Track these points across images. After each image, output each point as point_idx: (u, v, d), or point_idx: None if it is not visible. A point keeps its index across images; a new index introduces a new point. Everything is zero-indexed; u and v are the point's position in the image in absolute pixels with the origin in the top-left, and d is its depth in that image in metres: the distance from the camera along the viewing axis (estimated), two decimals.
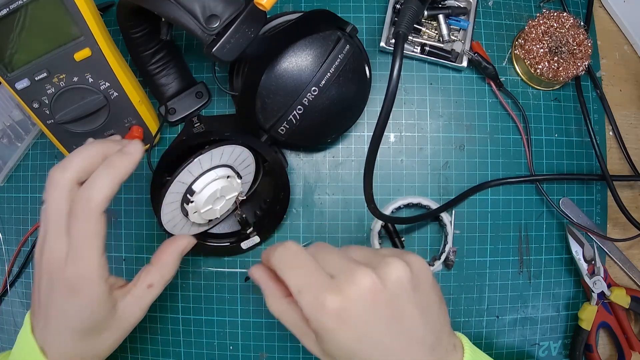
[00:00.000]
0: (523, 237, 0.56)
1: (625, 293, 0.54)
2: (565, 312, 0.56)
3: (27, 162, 0.59)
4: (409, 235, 0.55)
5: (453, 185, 0.56)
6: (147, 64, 0.53)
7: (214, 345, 0.56)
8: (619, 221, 0.57)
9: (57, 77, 0.46)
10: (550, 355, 0.56)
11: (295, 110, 0.47)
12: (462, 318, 0.55)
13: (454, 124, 0.56)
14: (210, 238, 0.54)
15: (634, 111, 0.59)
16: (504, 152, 0.56)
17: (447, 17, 0.55)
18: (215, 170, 0.47)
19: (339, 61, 0.47)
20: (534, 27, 0.54)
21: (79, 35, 0.45)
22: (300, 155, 0.56)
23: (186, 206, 0.47)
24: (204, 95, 0.56)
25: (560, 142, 0.57)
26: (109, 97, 0.49)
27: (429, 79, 0.56)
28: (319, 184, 0.56)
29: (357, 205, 0.55)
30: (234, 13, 0.40)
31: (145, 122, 0.52)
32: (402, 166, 0.56)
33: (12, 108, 0.58)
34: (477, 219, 0.56)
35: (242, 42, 0.41)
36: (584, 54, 0.53)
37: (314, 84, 0.46)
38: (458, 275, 0.55)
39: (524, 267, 0.56)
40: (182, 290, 0.56)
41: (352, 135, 0.56)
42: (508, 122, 0.56)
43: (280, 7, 0.57)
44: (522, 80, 0.57)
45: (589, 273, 0.54)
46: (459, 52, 0.55)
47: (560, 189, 0.57)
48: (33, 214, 0.59)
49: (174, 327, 0.56)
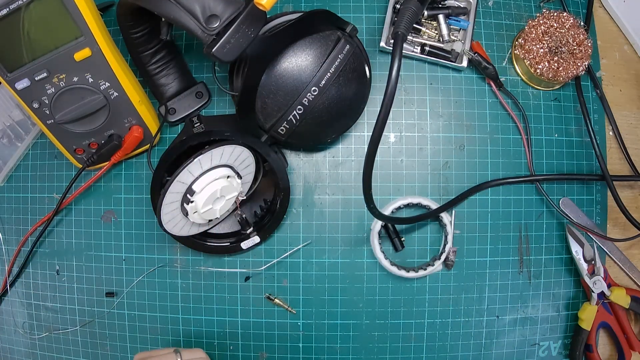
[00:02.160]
0: (523, 237, 0.56)
1: (625, 293, 0.54)
2: (565, 312, 0.56)
3: (27, 162, 0.59)
4: (409, 235, 0.55)
5: (453, 185, 0.56)
6: (147, 64, 0.53)
7: (214, 345, 0.56)
8: (619, 221, 0.57)
9: (57, 77, 0.46)
10: (550, 355, 0.56)
11: (295, 110, 0.47)
12: (462, 318, 0.55)
13: (454, 124, 0.56)
14: (210, 238, 0.54)
15: (634, 111, 0.59)
16: (504, 152, 0.56)
17: (447, 17, 0.55)
18: (215, 170, 0.47)
19: (339, 61, 0.47)
20: (534, 27, 0.54)
21: (79, 35, 0.45)
22: (300, 155, 0.56)
23: (186, 206, 0.47)
24: (204, 95, 0.56)
25: (560, 142, 0.57)
26: (109, 97, 0.49)
27: (429, 79, 0.56)
28: (319, 184, 0.56)
29: (357, 205, 0.56)
30: (234, 13, 0.40)
31: (145, 122, 0.52)
32: (402, 166, 0.56)
33: (12, 108, 0.58)
34: (477, 219, 0.56)
35: (242, 42, 0.41)
36: (584, 54, 0.53)
37: (314, 84, 0.46)
38: (458, 275, 0.55)
39: (524, 267, 0.56)
40: (182, 290, 0.56)
41: (352, 135, 0.56)
42: (508, 122, 0.56)
43: (280, 7, 0.57)
44: (522, 80, 0.57)
45: (589, 273, 0.54)
46: (459, 52, 0.55)
47: (560, 189, 0.57)
48: (33, 214, 0.59)
49: (174, 327, 0.56)
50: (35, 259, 0.59)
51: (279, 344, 0.56)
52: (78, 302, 0.58)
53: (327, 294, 0.55)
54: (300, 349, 0.55)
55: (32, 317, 0.59)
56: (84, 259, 0.58)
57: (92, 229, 0.58)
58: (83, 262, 0.58)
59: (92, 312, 0.57)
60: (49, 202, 0.58)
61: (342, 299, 0.55)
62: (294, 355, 0.56)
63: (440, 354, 0.55)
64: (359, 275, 0.55)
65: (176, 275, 0.56)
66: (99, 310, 0.57)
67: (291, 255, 0.55)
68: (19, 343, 0.59)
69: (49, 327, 0.58)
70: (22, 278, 0.59)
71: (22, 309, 0.59)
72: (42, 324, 0.58)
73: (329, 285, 0.55)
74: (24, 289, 0.59)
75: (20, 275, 0.59)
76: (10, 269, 0.58)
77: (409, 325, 0.55)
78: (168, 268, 0.56)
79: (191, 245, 0.53)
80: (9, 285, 0.58)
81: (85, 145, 0.52)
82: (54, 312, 0.58)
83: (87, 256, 0.58)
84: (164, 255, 0.56)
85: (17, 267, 0.58)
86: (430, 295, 0.55)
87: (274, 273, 0.56)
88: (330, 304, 0.55)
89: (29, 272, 0.59)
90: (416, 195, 0.55)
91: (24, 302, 0.59)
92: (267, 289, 0.56)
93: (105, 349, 0.57)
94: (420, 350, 0.55)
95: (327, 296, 0.55)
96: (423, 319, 0.55)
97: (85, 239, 0.58)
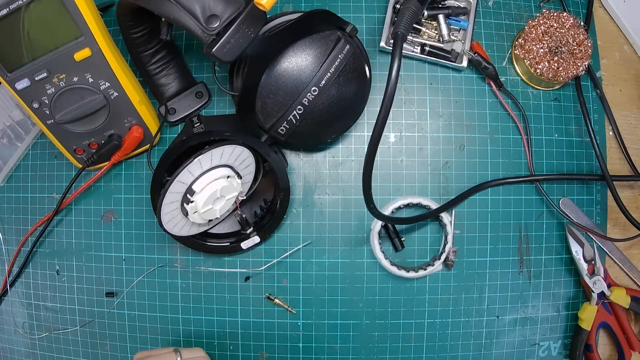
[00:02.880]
0: (523, 237, 0.56)
1: (625, 293, 0.54)
2: (565, 312, 0.56)
3: (27, 162, 0.59)
4: (409, 235, 0.55)
5: (453, 185, 0.56)
6: (147, 64, 0.53)
7: (214, 345, 0.56)
8: (619, 221, 0.57)
9: (57, 77, 0.46)
10: (550, 355, 0.56)
11: (295, 110, 0.47)
12: (462, 318, 0.55)
13: (454, 124, 0.56)
14: (210, 238, 0.54)
15: (634, 111, 0.59)
16: (504, 152, 0.56)
17: (447, 17, 0.55)
18: (215, 170, 0.47)
19: (339, 61, 0.47)
20: (534, 27, 0.54)
21: (79, 35, 0.45)
22: (300, 155, 0.56)
23: (186, 206, 0.47)
24: (204, 95, 0.56)
25: (560, 142, 0.57)
26: (109, 97, 0.49)
27: (429, 79, 0.56)
28: (319, 184, 0.56)
29: (357, 205, 0.56)
30: (234, 13, 0.40)
31: (145, 122, 0.52)
32: (402, 166, 0.56)
33: (12, 108, 0.58)
34: (477, 219, 0.55)
35: (242, 42, 0.41)
36: (584, 54, 0.53)
37: (314, 84, 0.46)
38: (458, 275, 0.55)
39: (524, 267, 0.56)
40: (182, 290, 0.56)
41: (352, 135, 0.56)
42: (508, 122, 0.56)
43: (280, 7, 0.57)
44: (522, 80, 0.57)
45: (589, 273, 0.54)
46: (459, 52, 0.55)
47: (560, 189, 0.57)
48: (33, 214, 0.59)
49: (174, 327, 0.56)
50: (35, 259, 0.59)
51: (279, 344, 0.56)
52: (78, 302, 0.58)
53: (327, 294, 0.55)
54: (300, 349, 0.55)
55: (32, 317, 0.59)
56: (84, 259, 0.58)
57: (92, 229, 0.58)
58: (83, 262, 0.58)
59: (92, 312, 0.57)
60: (49, 202, 0.58)
61: (342, 299, 0.55)
62: (294, 355, 0.56)
63: (440, 354, 0.55)
64: (359, 275, 0.55)
65: (176, 275, 0.56)
66: (99, 310, 0.57)
67: (291, 255, 0.55)
68: (19, 343, 0.59)
69: (49, 327, 0.58)
70: (22, 278, 0.59)
71: (22, 309, 0.59)
72: (42, 324, 0.58)
73: (329, 285, 0.55)
74: (24, 289, 0.59)
75: (20, 275, 0.59)
76: (10, 269, 0.58)
77: (409, 325, 0.55)
78: (168, 268, 0.56)
79: (191, 245, 0.53)
80: (9, 285, 0.58)
81: (85, 145, 0.52)
82: (54, 312, 0.58)
83: (87, 256, 0.58)
84: (164, 255, 0.56)
85: (17, 267, 0.58)
86: (430, 295, 0.55)
87: (274, 273, 0.56)
88: (330, 304, 0.55)
89: (29, 272, 0.59)
90: (416, 195, 0.55)
91: (24, 302, 0.59)
92: (267, 289, 0.56)
93: (105, 349, 0.57)
94: (420, 350, 0.55)
95: (327, 296, 0.55)
96: (423, 319, 0.55)
97: (85, 239, 0.58)
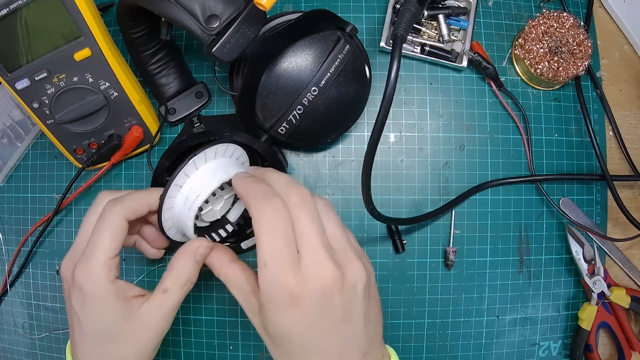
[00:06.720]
0: (523, 237, 0.56)
1: (625, 293, 0.54)
2: (565, 312, 0.56)
3: (27, 162, 0.59)
4: (409, 235, 0.55)
5: (453, 185, 0.56)
6: (147, 64, 0.53)
7: (214, 345, 0.56)
8: (619, 221, 0.57)
9: (57, 77, 0.46)
10: (550, 355, 0.56)
11: (295, 110, 0.47)
12: (462, 318, 0.55)
13: (454, 124, 0.56)
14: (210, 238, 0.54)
15: (634, 111, 0.59)
16: (504, 152, 0.56)
17: (447, 17, 0.55)
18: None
19: (339, 61, 0.47)
20: (534, 27, 0.54)
21: (79, 35, 0.45)
22: (300, 155, 0.56)
23: None
24: (204, 95, 0.56)
25: (560, 142, 0.57)
26: (109, 97, 0.49)
27: (429, 79, 0.56)
28: (319, 184, 0.56)
29: (357, 205, 0.55)
30: (234, 13, 0.40)
31: (145, 122, 0.52)
32: (402, 166, 0.56)
33: (12, 108, 0.58)
34: (477, 219, 0.55)
35: (242, 42, 0.41)
36: (584, 54, 0.53)
37: (314, 84, 0.46)
38: (458, 275, 0.55)
39: (524, 267, 0.56)
40: None
41: (352, 135, 0.56)
42: (508, 122, 0.56)
43: (280, 7, 0.57)
44: (522, 80, 0.57)
45: (589, 273, 0.54)
46: (459, 52, 0.55)
47: (560, 189, 0.57)
48: (33, 214, 0.59)
49: (174, 327, 0.56)
50: (35, 259, 0.59)
51: None
52: None
53: None
54: None
55: (32, 317, 0.59)
56: None
57: None
58: None
59: None
60: (49, 202, 0.58)
61: None
62: None
63: (440, 354, 0.55)
64: None
65: None
66: None
67: None
68: (19, 343, 0.59)
69: (49, 327, 0.58)
70: (22, 278, 0.59)
71: (22, 309, 0.59)
72: (42, 324, 0.58)
73: None
74: (24, 289, 0.59)
75: (20, 275, 0.59)
76: (10, 269, 0.58)
77: (409, 325, 0.55)
78: None
79: None
80: (9, 285, 0.58)
81: (85, 145, 0.52)
82: (54, 312, 0.58)
83: None
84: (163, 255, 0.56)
85: (17, 267, 0.58)
86: (430, 296, 0.55)
87: None
88: None
89: (29, 272, 0.59)
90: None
91: (24, 302, 0.59)
92: None
93: None
94: (420, 350, 0.55)
95: None
96: (423, 319, 0.55)
97: None
